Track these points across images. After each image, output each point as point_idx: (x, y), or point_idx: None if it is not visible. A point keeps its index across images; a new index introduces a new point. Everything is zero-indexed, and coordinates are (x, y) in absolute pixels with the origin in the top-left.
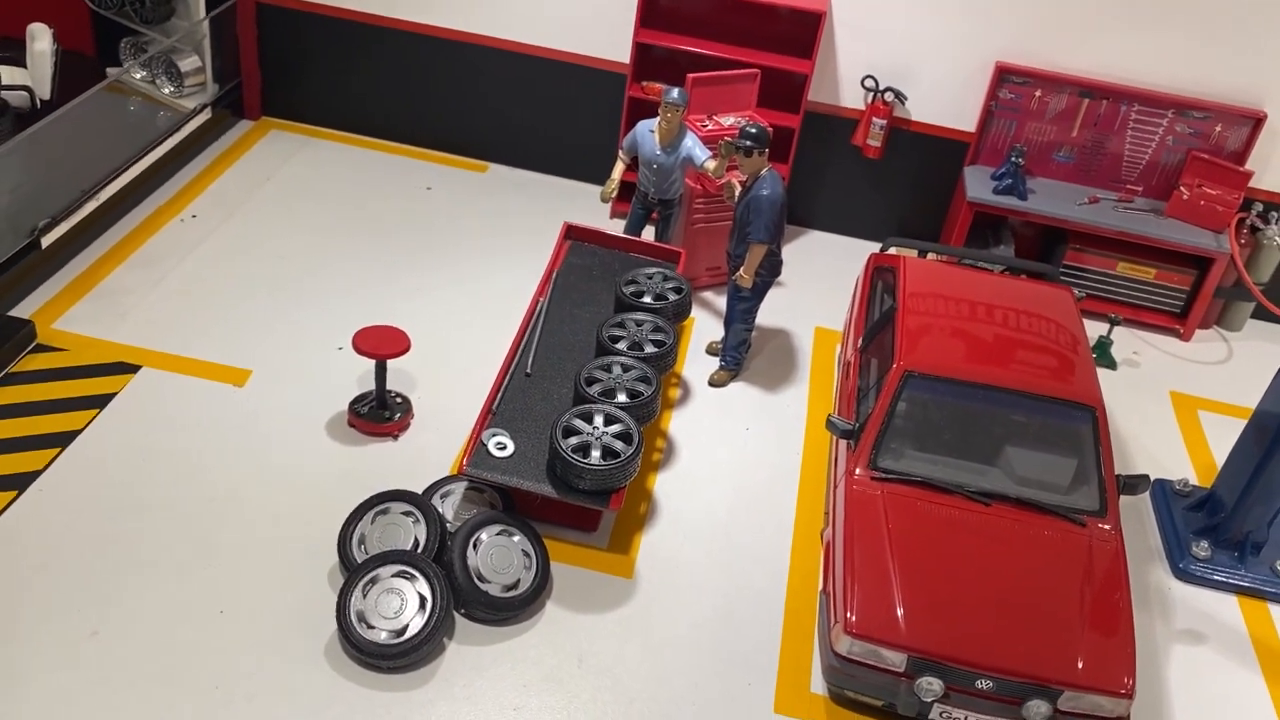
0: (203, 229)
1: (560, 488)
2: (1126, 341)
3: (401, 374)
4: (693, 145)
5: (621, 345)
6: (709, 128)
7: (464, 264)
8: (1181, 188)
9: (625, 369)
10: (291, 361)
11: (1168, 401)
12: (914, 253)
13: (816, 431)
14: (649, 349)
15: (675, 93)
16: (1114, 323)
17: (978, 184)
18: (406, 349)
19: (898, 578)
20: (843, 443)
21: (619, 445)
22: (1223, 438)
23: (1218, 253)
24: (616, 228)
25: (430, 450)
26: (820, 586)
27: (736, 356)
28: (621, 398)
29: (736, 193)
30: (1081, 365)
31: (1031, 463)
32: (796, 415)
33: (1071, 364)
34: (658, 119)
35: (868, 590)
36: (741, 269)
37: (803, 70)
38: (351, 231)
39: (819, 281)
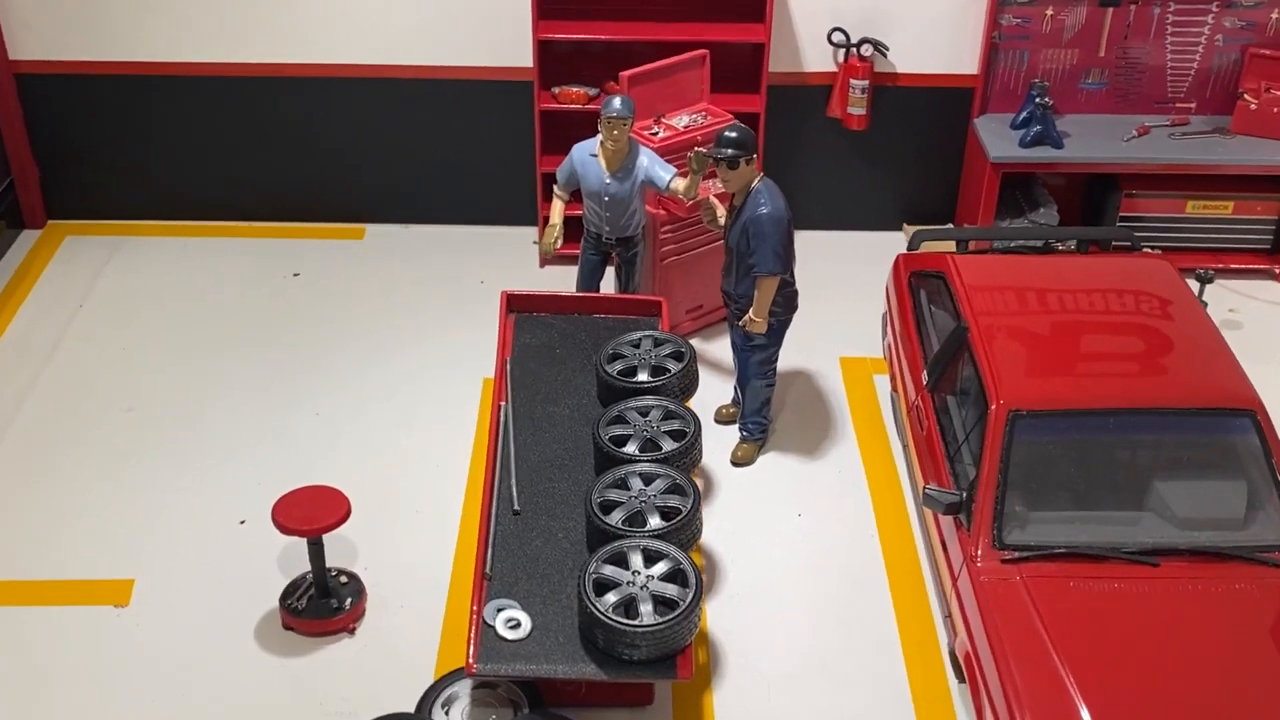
0: (9, 390)
1: (608, 664)
2: (1217, 298)
3: (335, 541)
4: (650, 164)
5: (630, 448)
6: (660, 136)
7: (372, 367)
8: (1245, 95)
9: (646, 480)
10: (182, 554)
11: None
12: (950, 246)
13: (885, 500)
14: (667, 445)
15: (617, 103)
16: (1204, 280)
17: (998, 138)
18: (347, 513)
19: (1078, 693)
20: (946, 518)
21: (671, 590)
22: None
23: None
24: (560, 280)
25: (403, 638)
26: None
27: (761, 422)
28: (654, 521)
29: (719, 214)
30: (1220, 357)
31: (1191, 498)
32: (854, 484)
33: (1207, 358)
34: (598, 139)
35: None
36: (750, 311)
37: (756, 38)
38: (212, 354)
39: (828, 297)
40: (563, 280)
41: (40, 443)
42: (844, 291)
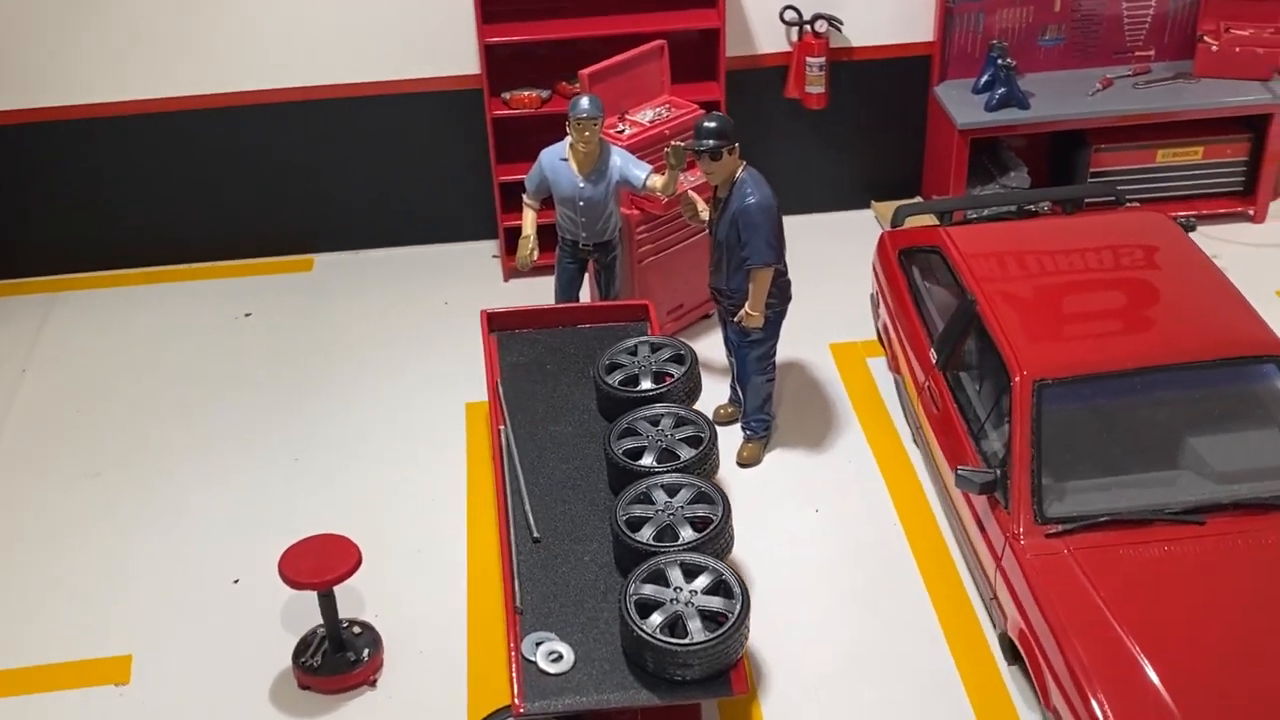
0: None
1: (659, 687)
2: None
3: (340, 591)
4: (624, 164)
5: (647, 460)
6: (628, 133)
7: (345, 405)
8: (1204, 38)
9: (671, 492)
10: (178, 622)
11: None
12: (932, 220)
13: (901, 486)
14: (685, 454)
15: (585, 102)
16: (1187, 229)
17: (962, 104)
18: (358, 561)
19: (1146, 659)
20: (978, 499)
21: (716, 602)
22: None
23: (1273, 104)
24: (527, 293)
25: (428, 685)
26: (1042, 702)
27: (764, 419)
28: (686, 533)
29: (700, 209)
30: (1235, 304)
31: (1227, 451)
32: (866, 472)
33: (1223, 307)
34: (566, 143)
35: (1125, 703)
36: (746, 305)
37: (710, 23)
38: (173, 408)
39: (808, 283)
40: (531, 293)
41: (6, 521)
42: (823, 276)
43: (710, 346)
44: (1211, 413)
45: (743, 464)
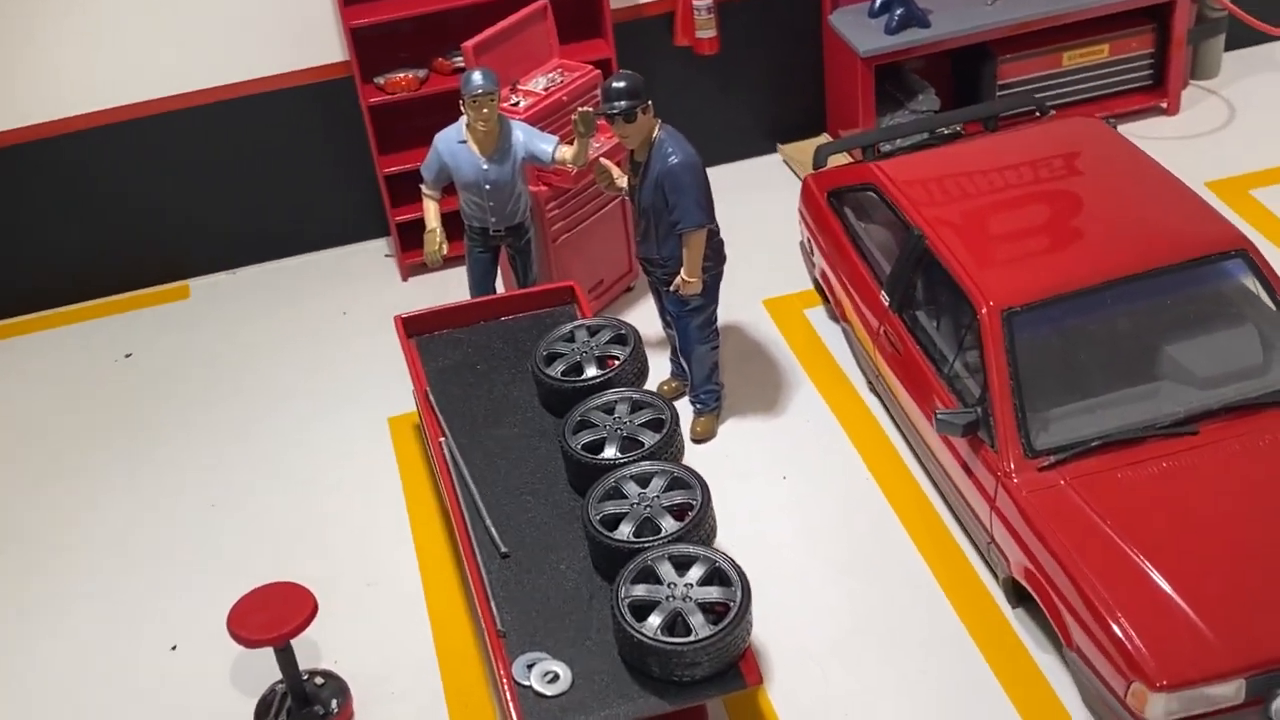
0: None
1: (668, 691)
2: None
3: (294, 641)
4: (527, 138)
5: (610, 452)
6: (523, 105)
7: (254, 438)
8: None
9: (642, 482)
10: (118, 702)
11: (1212, 197)
12: (848, 158)
13: (867, 439)
14: (648, 439)
15: (478, 77)
16: None
17: (860, 31)
18: (314, 608)
19: (1171, 584)
20: (961, 442)
21: (714, 593)
22: None
23: None
24: (434, 289)
25: None
26: (1064, 643)
27: (714, 390)
28: (667, 524)
29: (615, 176)
30: (1190, 203)
31: (1206, 355)
32: (826, 429)
33: (1179, 207)
34: (462, 124)
35: (1147, 621)
36: (682, 272)
37: None
38: (67, 468)
39: (727, 237)
40: (436, 289)
41: None
42: (742, 229)
43: (641, 321)
44: (1186, 317)
45: (697, 440)
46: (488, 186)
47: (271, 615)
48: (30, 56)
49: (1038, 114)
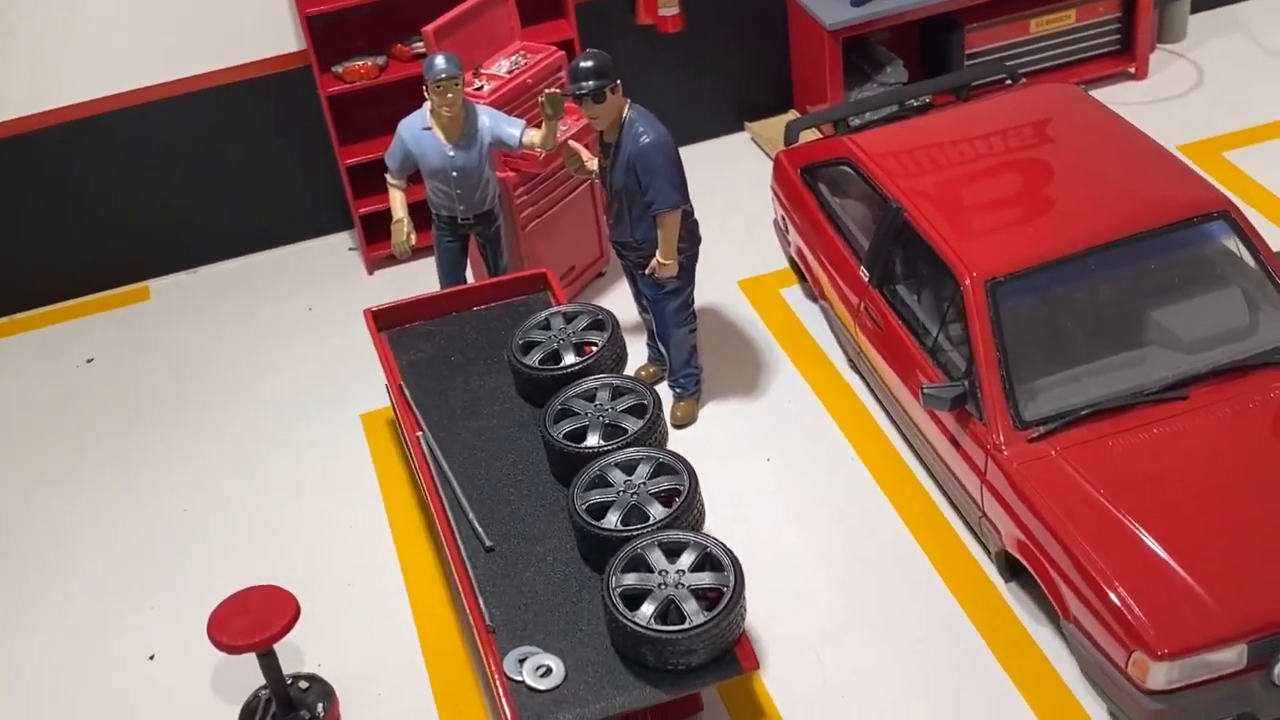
0: None
1: (664, 681)
2: None
3: (277, 646)
4: (494, 123)
5: (592, 440)
6: (487, 90)
7: (226, 440)
8: None
9: (627, 469)
10: (97, 713)
11: (1185, 161)
12: (818, 134)
13: (849, 417)
14: (631, 425)
15: (441, 61)
16: None
17: (826, 4)
18: (297, 611)
19: (1167, 551)
20: (948, 416)
21: (707, 578)
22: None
23: None
24: (403, 280)
25: None
26: (1060, 615)
27: (694, 373)
28: (655, 511)
29: (585, 159)
30: (1169, 166)
31: (1192, 319)
32: (808, 409)
33: (1158, 171)
34: (426, 110)
35: (1145, 589)
36: (657, 254)
37: None
38: (33, 477)
39: (699, 217)
40: (403, 281)
41: None
42: (713, 209)
43: (615, 307)
44: (1170, 282)
45: (678, 425)
46: (454, 173)
47: (253, 620)
48: None
49: (1009, 82)
